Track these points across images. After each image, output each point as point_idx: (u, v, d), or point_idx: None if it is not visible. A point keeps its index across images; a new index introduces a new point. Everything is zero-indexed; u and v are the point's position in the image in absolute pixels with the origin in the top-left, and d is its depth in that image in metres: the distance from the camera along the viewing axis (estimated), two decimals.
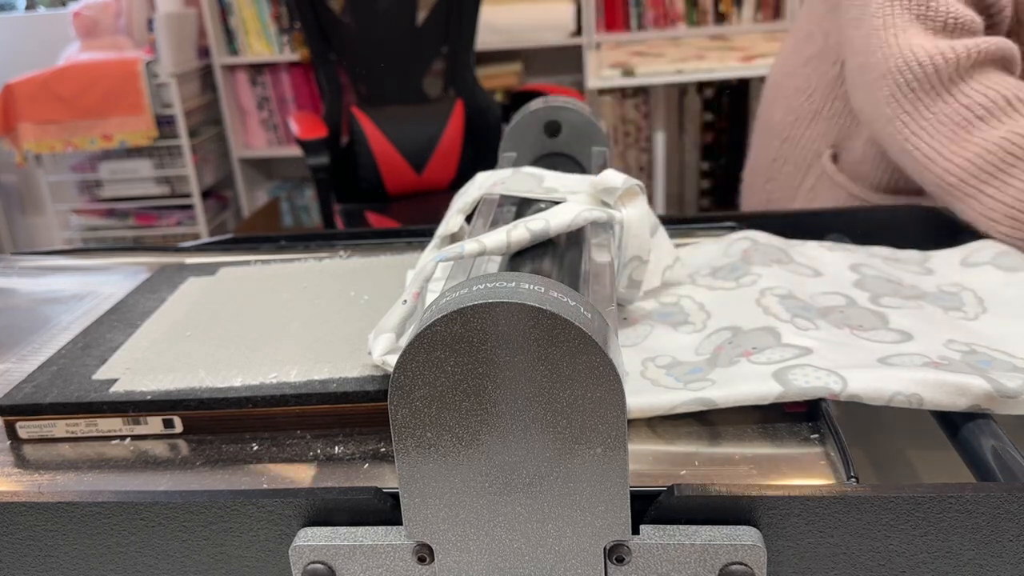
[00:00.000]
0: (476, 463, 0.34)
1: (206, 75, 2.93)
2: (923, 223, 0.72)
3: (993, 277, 0.60)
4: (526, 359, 0.32)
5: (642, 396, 0.47)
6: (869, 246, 0.68)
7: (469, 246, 0.49)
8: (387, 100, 2.27)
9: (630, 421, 0.46)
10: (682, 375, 0.50)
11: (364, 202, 2.26)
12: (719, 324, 0.55)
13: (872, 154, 0.93)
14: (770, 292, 0.57)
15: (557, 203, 0.54)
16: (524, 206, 0.57)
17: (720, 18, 2.75)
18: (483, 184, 0.59)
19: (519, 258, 0.50)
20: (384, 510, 0.38)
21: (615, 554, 0.36)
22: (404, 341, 0.49)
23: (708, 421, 0.47)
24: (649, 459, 0.44)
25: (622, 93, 2.79)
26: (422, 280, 0.50)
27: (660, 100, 2.73)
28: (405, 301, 0.50)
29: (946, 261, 0.64)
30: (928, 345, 0.51)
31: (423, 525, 0.36)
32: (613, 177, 0.53)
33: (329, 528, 0.38)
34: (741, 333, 0.52)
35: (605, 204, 0.54)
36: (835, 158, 0.99)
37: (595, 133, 0.68)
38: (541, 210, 0.53)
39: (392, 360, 0.49)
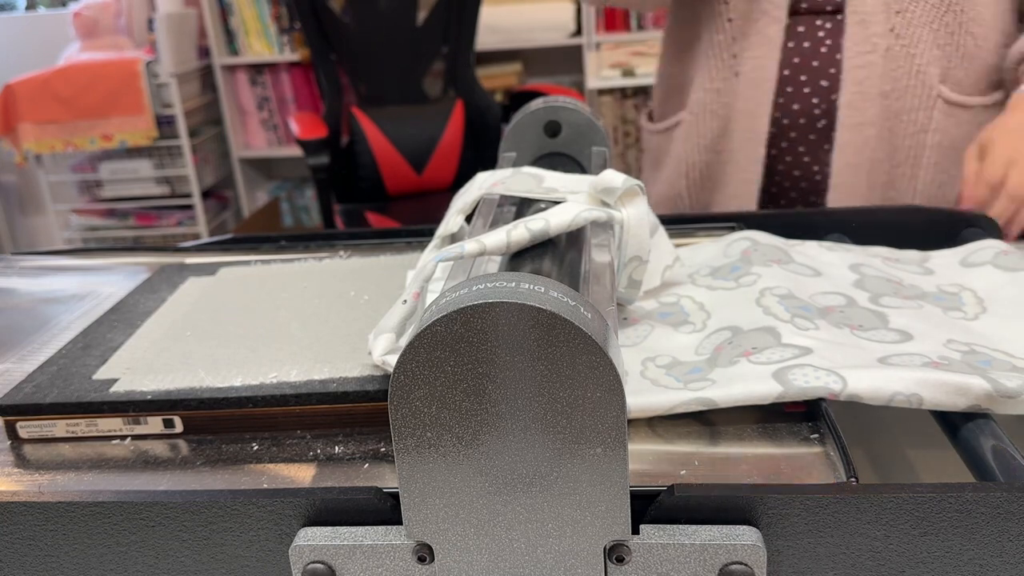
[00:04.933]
0: (476, 463, 0.34)
1: (206, 75, 2.93)
2: (923, 223, 0.72)
3: (993, 277, 0.60)
4: (526, 359, 0.32)
5: (642, 396, 0.47)
6: (869, 246, 0.68)
7: (469, 246, 0.49)
8: (387, 100, 2.27)
9: (630, 421, 0.46)
10: (682, 375, 0.50)
11: (364, 202, 2.26)
12: (719, 324, 0.55)
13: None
14: (770, 292, 0.57)
15: (557, 203, 0.54)
16: (524, 206, 0.57)
17: None
18: (483, 184, 0.59)
19: (519, 258, 0.50)
20: (384, 510, 0.38)
21: (615, 554, 0.36)
22: (404, 341, 0.49)
23: (708, 421, 0.47)
24: (649, 459, 0.44)
25: (622, 93, 2.79)
26: (422, 280, 0.50)
27: None
28: (405, 301, 0.50)
29: (946, 261, 0.64)
30: (928, 345, 0.51)
31: (423, 525, 0.36)
32: (613, 177, 0.53)
33: (329, 528, 0.38)
34: (741, 333, 0.52)
35: (605, 204, 0.54)
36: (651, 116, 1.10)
37: (595, 133, 0.68)
38: (541, 210, 0.53)
39: (392, 360, 0.49)
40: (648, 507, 0.37)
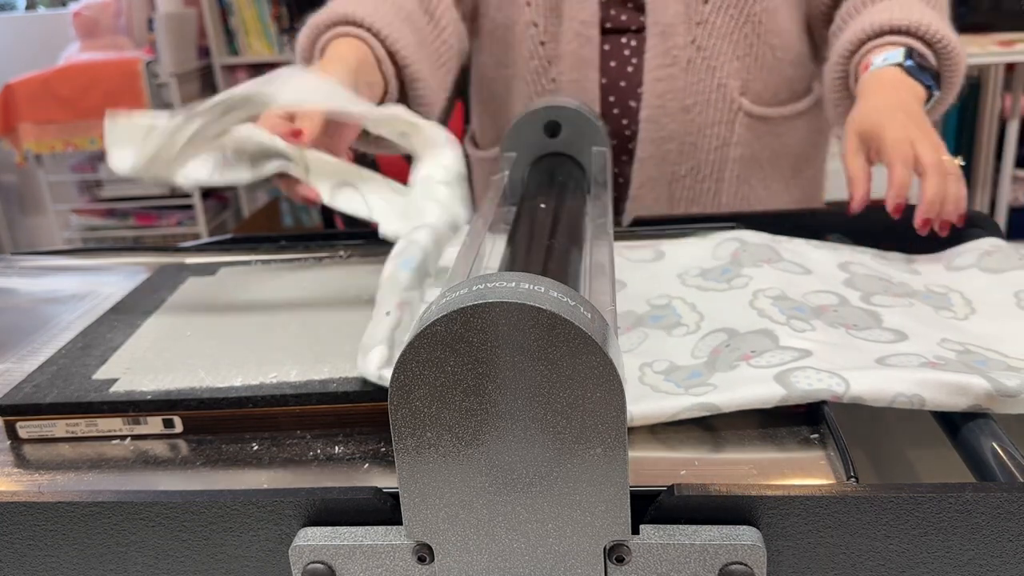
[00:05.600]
0: (476, 463, 0.34)
1: (206, 75, 2.93)
2: None
3: (979, 280, 0.60)
4: (526, 359, 0.32)
5: (644, 403, 0.47)
6: (856, 245, 0.68)
7: (420, 236, 0.50)
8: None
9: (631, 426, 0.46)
10: (682, 380, 0.49)
11: None
12: (713, 326, 0.55)
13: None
14: (763, 294, 0.57)
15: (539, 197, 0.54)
16: (524, 205, 0.57)
17: None
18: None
19: (519, 258, 0.50)
20: (384, 510, 0.38)
21: (615, 554, 0.36)
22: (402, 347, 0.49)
23: (709, 422, 0.47)
24: (650, 460, 0.44)
25: None
26: (400, 290, 0.51)
27: None
28: (388, 313, 0.50)
29: (930, 266, 0.64)
30: (923, 345, 0.51)
31: (423, 525, 0.36)
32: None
33: (329, 528, 0.38)
34: (737, 336, 0.52)
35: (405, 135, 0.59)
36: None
37: (595, 133, 0.68)
38: (539, 206, 0.53)
39: (389, 373, 0.49)
40: (648, 507, 0.37)
